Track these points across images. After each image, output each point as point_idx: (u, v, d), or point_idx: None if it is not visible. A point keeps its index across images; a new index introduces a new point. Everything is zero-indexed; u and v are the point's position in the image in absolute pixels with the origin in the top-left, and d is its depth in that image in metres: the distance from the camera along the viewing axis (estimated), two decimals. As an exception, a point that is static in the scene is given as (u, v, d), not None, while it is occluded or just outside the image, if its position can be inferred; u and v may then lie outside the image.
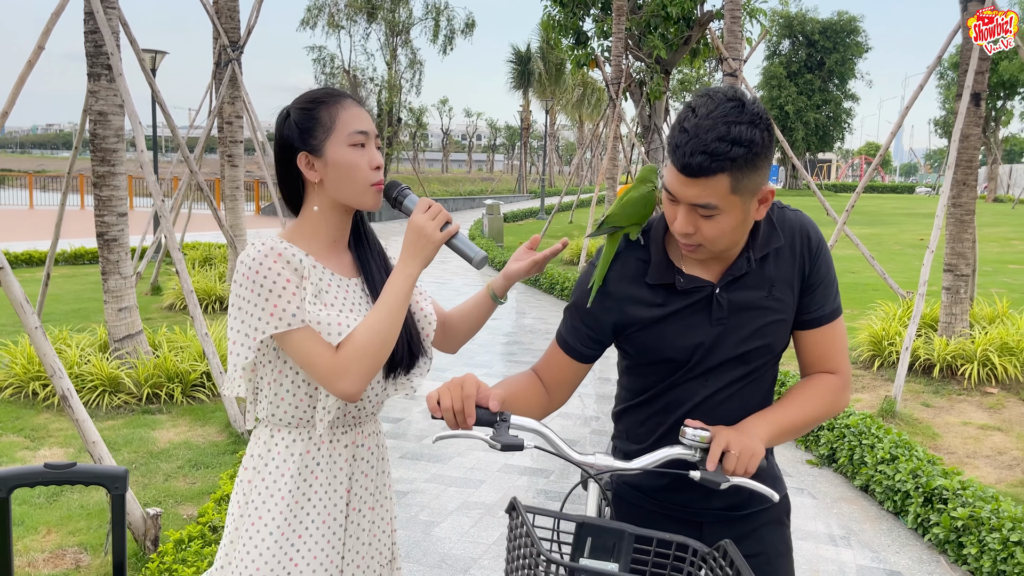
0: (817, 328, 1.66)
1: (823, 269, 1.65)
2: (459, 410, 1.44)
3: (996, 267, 14.67)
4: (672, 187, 1.50)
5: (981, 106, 7.04)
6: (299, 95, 1.74)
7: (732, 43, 11.37)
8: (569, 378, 1.74)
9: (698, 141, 1.42)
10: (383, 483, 1.86)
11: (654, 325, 1.64)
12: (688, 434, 1.50)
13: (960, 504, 3.93)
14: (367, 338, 1.58)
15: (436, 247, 1.63)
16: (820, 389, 1.64)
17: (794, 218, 1.67)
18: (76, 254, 14.83)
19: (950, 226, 7.15)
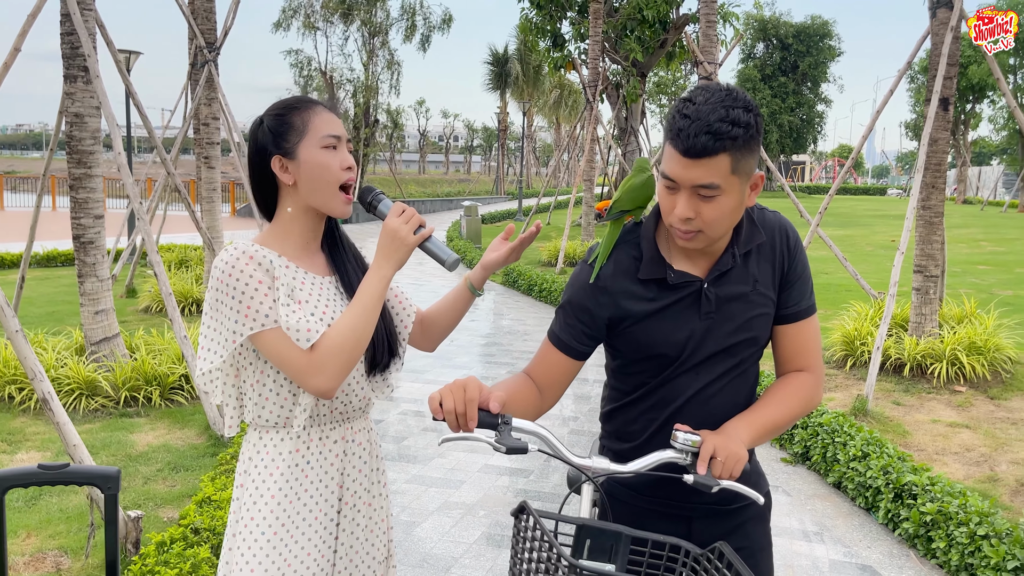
0: (794, 323, 1.74)
1: (800, 266, 1.74)
2: (461, 413, 1.45)
3: (965, 268, 14.95)
4: (674, 172, 1.55)
5: (949, 111, 7.19)
6: (272, 104, 1.81)
7: (707, 47, 11.50)
8: (562, 377, 1.77)
9: (701, 123, 1.50)
10: (376, 480, 1.90)
11: (646, 319, 1.70)
12: (680, 438, 1.54)
13: (929, 499, 4.04)
14: (342, 336, 1.63)
15: (410, 250, 1.69)
16: (795, 388, 1.70)
17: (773, 218, 1.75)
18: (48, 256, 14.66)
19: (920, 228, 7.30)
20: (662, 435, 1.73)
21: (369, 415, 1.91)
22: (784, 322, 1.74)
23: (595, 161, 17.12)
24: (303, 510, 1.73)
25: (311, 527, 1.74)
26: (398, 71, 34.26)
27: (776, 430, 1.64)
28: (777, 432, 1.64)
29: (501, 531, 4.18)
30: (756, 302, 1.70)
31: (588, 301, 1.72)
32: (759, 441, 1.61)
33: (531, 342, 9.14)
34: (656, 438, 1.74)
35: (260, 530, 1.71)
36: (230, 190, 30.06)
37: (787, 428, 1.72)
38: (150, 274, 12.61)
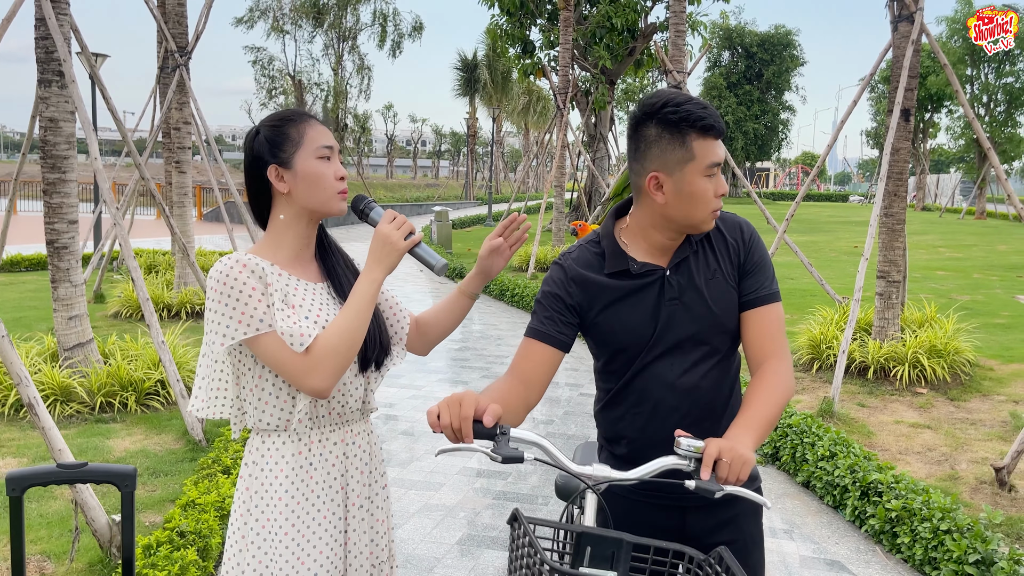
0: (757, 308, 1.84)
1: (756, 256, 1.87)
2: (457, 428, 1.50)
3: (925, 273, 15.35)
4: (718, 155, 1.76)
5: (910, 121, 7.43)
6: (268, 115, 1.90)
7: (676, 56, 11.70)
8: (545, 369, 1.84)
9: (711, 110, 1.74)
10: (376, 481, 1.96)
11: (613, 306, 1.83)
12: (683, 444, 1.56)
13: (894, 497, 4.20)
14: (336, 338, 1.70)
15: (400, 254, 1.77)
16: (774, 379, 1.79)
17: (730, 216, 1.91)
18: (12, 261, 14.42)
19: (882, 235, 7.53)
20: (653, 431, 1.82)
21: (369, 419, 1.97)
22: (746, 308, 1.85)
23: (565, 167, 17.27)
24: (312, 511, 1.79)
25: (321, 526, 1.80)
26: (368, 76, 34.18)
27: (772, 425, 1.73)
28: (772, 427, 1.73)
29: (481, 532, 4.26)
30: (717, 289, 1.84)
31: (560, 291, 1.86)
32: (761, 441, 1.68)
33: (504, 346, 9.23)
34: (648, 434, 1.83)
35: (273, 532, 1.76)
36: (196, 194, 29.75)
37: (778, 420, 1.80)
38: (118, 279, 12.49)
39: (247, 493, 1.82)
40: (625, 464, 1.86)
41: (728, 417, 1.88)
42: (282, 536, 1.77)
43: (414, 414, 6.38)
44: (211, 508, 3.77)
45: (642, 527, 1.83)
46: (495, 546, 4.10)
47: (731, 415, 1.88)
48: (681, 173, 1.73)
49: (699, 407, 1.83)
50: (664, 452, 1.67)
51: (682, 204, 1.76)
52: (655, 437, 1.83)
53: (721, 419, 1.87)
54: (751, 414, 1.70)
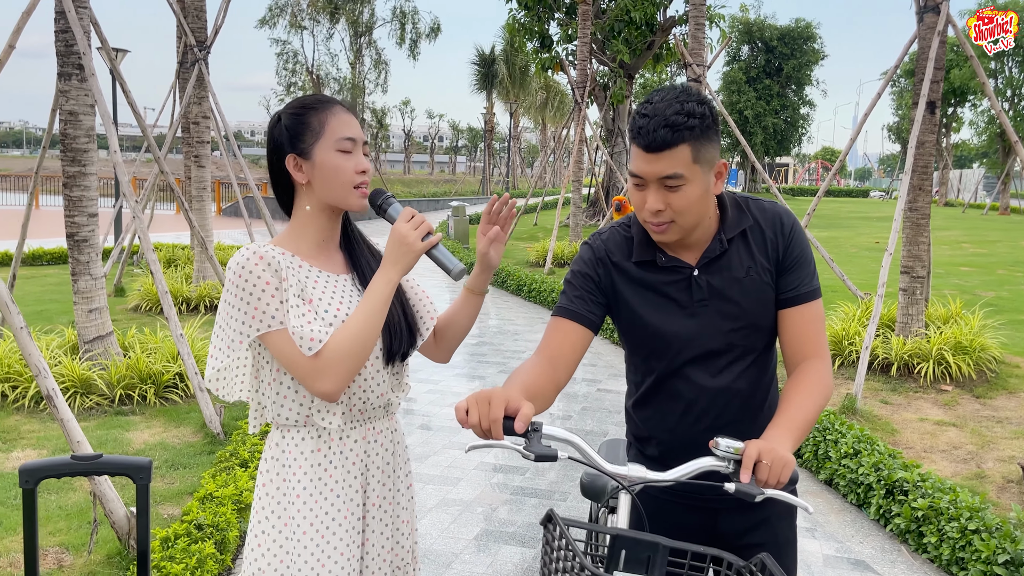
0: (796, 307, 1.76)
1: (797, 251, 1.78)
2: (486, 429, 1.44)
3: (948, 269, 15.14)
4: (640, 169, 1.65)
5: (936, 114, 7.30)
6: (291, 101, 1.83)
7: (696, 49, 11.59)
8: (575, 349, 1.77)
9: (659, 118, 1.61)
10: (400, 480, 1.90)
11: (639, 299, 1.78)
12: (721, 445, 1.49)
13: (920, 496, 4.12)
14: (347, 340, 1.65)
15: (416, 256, 1.70)
16: (813, 379, 1.71)
17: (770, 206, 1.82)
18: (34, 255, 14.55)
19: (906, 230, 7.41)
20: (684, 432, 1.76)
21: (394, 417, 1.91)
22: (786, 306, 1.77)
23: (583, 162, 17.19)
24: (331, 510, 1.75)
25: (340, 526, 1.75)
26: (385, 70, 34.24)
27: (810, 427, 1.65)
28: (810, 428, 1.66)
29: (499, 528, 4.22)
30: (752, 288, 1.75)
31: (589, 270, 1.81)
32: (799, 443, 1.61)
33: (521, 341, 9.19)
34: (678, 436, 1.77)
35: (293, 531, 1.72)
36: (215, 189, 29.93)
37: (816, 421, 1.73)
38: (138, 273, 12.57)
39: (267, 489, 1.78)
40: (655, 465, 1.81)
41: (765, 418, 1.81)
42: (301, 535, 1.72)
43: (431, 408, 6.36)
44: (228, 501, 3.76)
45: (672, 528, 1.78)
46: (513, 542, 4.06)
47: (768, 416, 1.81)
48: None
49: (733, 409, 1.77)
50: (695, 453, 1.61)
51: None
52: (686, 439, 1.77)
53: (757, 420, 1.80)
54: (790, 415, 1.63)
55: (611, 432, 5.91)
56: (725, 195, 1.80)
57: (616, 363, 8.21)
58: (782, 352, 1.82)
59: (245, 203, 18.39)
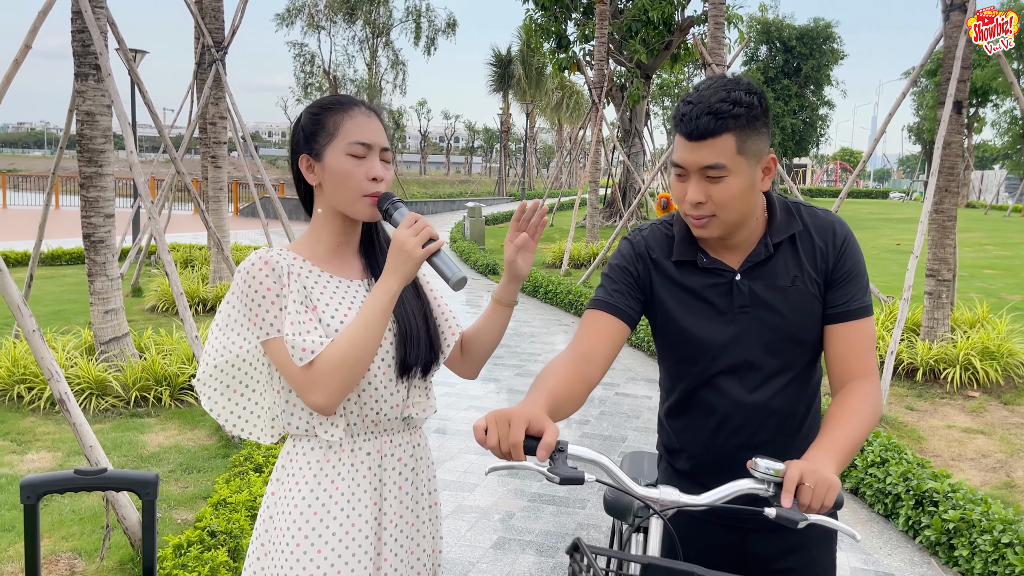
0: (843, 323, 1.66)
1: (849, 264, 1.67)
2: (506, 453, 1.34)
3: (971, 272, 14.91)
4: (681, 158, 1.57)
5: (963, 114, 7.16)
6: (314, 101, 1.78)
7: (715, 48, 11.47)
8: (611, 343, 1.67)
9: (703, 105, 1.53)
10: (422, 497, 1.81)
11: (677, 301, 1.69)
12: (760, 466, 1.40)
13: (951, 507, 4.00)
14: (341, 352, 1.57)
15: (416, 263, 1.60)
16: (859, 400, 1.60)
17: (823, 214, 1.72)
18: (53, 255, 14.62)
19: (932, 232, 7.26)
20: (717, 448, 1.67)
21: (417, 430, 1.82)
22: (832, 322, 1.67)
23: (600, 163, 17.08)
24: (332, 524, 1.67)
25: (341, 542, 1.67)
26: (403, 71, 34.24)
27: (855, 451, 1.55)
28: (855, 453, 1.56)
29: (516, 535, 4.14)
30: (797, 299, 1.65)
31: (629, 265, 1.73)
32: (843, 466, 1.51)
33: (537, 343, 9.10)
34: (711, 451, 1.68)
35: (284, 540, 1.66)
36: (233, 190, 30.04)
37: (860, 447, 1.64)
38: (155, 273, 12.59)
39: (272, 499, 1.73)
40: (685, 479, 1.72)
41: (804, 440, 1.71)
42: (293, 547, 1.65)
43: (447, 412, 6.28)
44: (242, 507, 3.70)
45: (699, 548, 1.68)
46: (530, 550, 3.98)
47: (808, 438, 1.71)
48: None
49: (770, 426, 1.67)
50: (728, 471, 1.52)
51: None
52: (719, 455, 1.68)
53: (794, 441, 1.70)
54: (834, 436, 1.52)
55: (630, 438, 5.82)
56: (775, 197, 1.71)
57: (635, 367, 8.11)
58: (827, 370, 1.71)
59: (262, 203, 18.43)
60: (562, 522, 4.31)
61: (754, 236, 1.67)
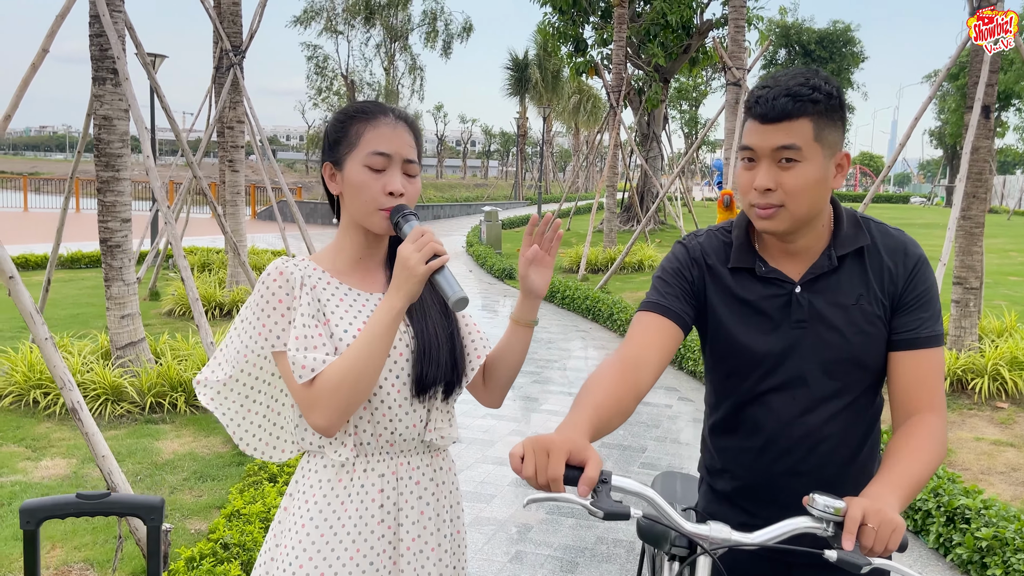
0: (910, 351, 1.55)
1: (920, 288, 1.57)
2: (543, 485, 1.24)
3: (996, 279, 14.65)
4: (752, 141, 1.50)
5: (991, 118, 7.01)
6: (344, 105, 1.73)
7: (736, 52, 11.36)
8: (664, 347, 1.56)
9: (780, 88, 1.47)
10: (445, 524, 1.73)
11: (729, 307, 1.60)
12: (819, 504, 1.29)
13: (983, 524, 3.87)
14: (340, 373, 1.51)
15: (419, 281, 1.51)
16: (925, 435, 1.49)
17: (895, 232, 1.63)
18: (73, 258, 14.70)
19: (959, 239, 7.11)
20: (761, 471, 1.58)
21: (439, 452, 1.74)
22: (898, 348, 1.56)
23: (617, 167, 16.97)
24: (338, 547, 1.60)
25: (345, 567, 1.60)
26: (420, 76, 34.27)
27: (919, 490, 1.44)
28: (919, 491, 1.45)
29: (535, 549, 4.05)
30: (860, 319, 1.55)
31: (683, 268, 1.64)
32: (906, 505, 1.40)
33: (554, 349, 9.01)
34: (755, 474, 1.59)
35: (289, 560, 1.60)
36: (250, 193, 30.18)
37: (925, 485, 1.53)
38: (173, 277, 12.61)
39: (284, 514, 1.68)
40: (725, 503, 1.63)
41: (858, 473, 1.61)
42: (296, 568, 1.59)
43: (463, 420, 6.20)
44: (256, 519, 3.64)
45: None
46: (549, 564, 3.89)
47: (861, 470, 1.61)
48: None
49: (820, 453, 1.56)
50: (773, 497, 1.43)
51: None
52: (764, 479, 1.59)
53: (847, 474, 1.60)
54: (898, 472, 1.41)
55: (649, 448, 5.71)
56: (842, 208, 1.61)
57: (653, 374, 7.99)
58: (890, 401, 1.60)
59: (279, 207, 18.47)
60: (581, 536, 4.22)
61: (818, 245, 1.57)
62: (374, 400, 1.61)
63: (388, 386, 1.62)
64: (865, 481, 1.62)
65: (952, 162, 49.78)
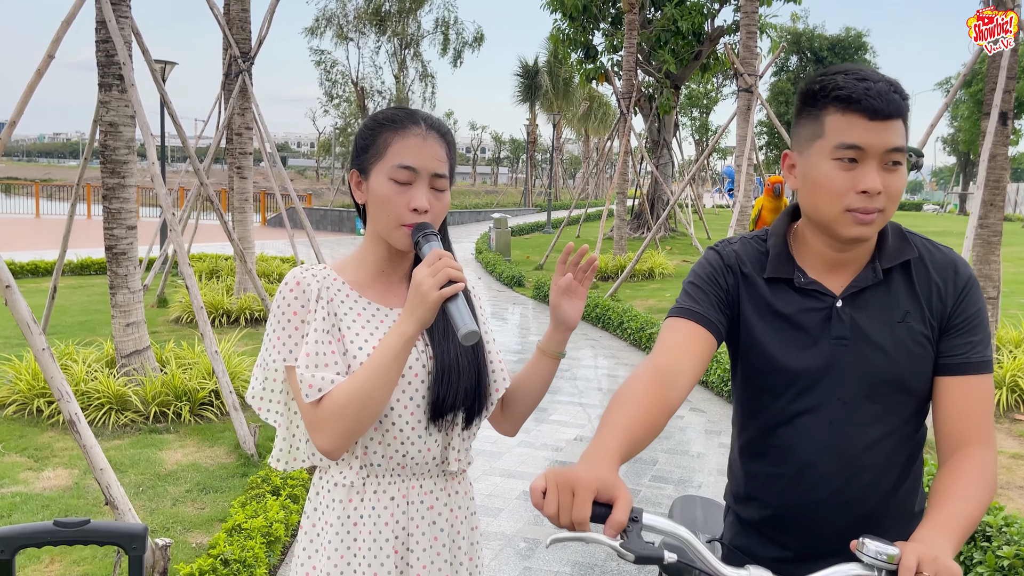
0: (957, 376, 1.44)
1: (972, 310, 1.46)
2: (566, 525, 1.13)
3: (1011, 288, 14.47)
4: (861, 139, 1.36)
5: (1008, 125, 6.89)
6: (377, 111, 1.65)
7: (748, 58, 11.26)
8: (699, 358, 1.45)
9: (884, 83, 1.36)
10: (459, 551, 1.65)
11: (764, 320, 1.49)
12: (870, 550, 1.18)
13: (1005, 542, 3.75)
14: (346, 396, 1.45)
15: (431, 308, 1.42)
16: (976, 471, 1.38)
17: (945, 249, 1.53)
18: (82, 264, 14.71)
19: (977, 247, 6.99)
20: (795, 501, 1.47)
21: (455, 477, 1.66)
22: (945, 373, 1.45)
23: (627, 174, 16.88)
24: (359, 569, 1.55)
25: None
26: (432, 83, 34.27)
27: (971, 531, 1.33)
28: (971, 533, 1.35)
29: (544, 566, 3.96)
30: (906, 338, 1.44)
31: (717, 275, 1.53)
32: (958, 549, 1.29)
33: (565, 359, 8.91)
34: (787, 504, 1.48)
35: None
36: (260, 200, 30.22)
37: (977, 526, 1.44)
38: (181, 283, 12.58)
39: (311, 532, 1.63)
40: (753, 534, 1.52)
41: (898, 507, 1.50)
42: None
43: (472, 430, 6.12)
44: (258, 534, 3.56)
45: None
46: (558, 582, 3.79)
47: (902, 506, 1.51)
48: (808, 152, 1.42)
49: (860, 484, 1.45)
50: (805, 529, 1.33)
51: (807, 191, 1.43)
52: (797, 509, 1.48)
53: (887, 506, 1.49)
54: (950, 512, 1.30)
55: (660, 460, 5.61)
56: None
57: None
58: (935, 430, 1.49)
59: (288, 214, 18.46)
60: (591, 551, 4.12)
61: (862, 257, 1.47)
62: (384, 422, 1.55)
63: (400, 408, 1.55)
64: (905, 516, 1.52)
65: (966, 169, 49.47)
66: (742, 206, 10.65)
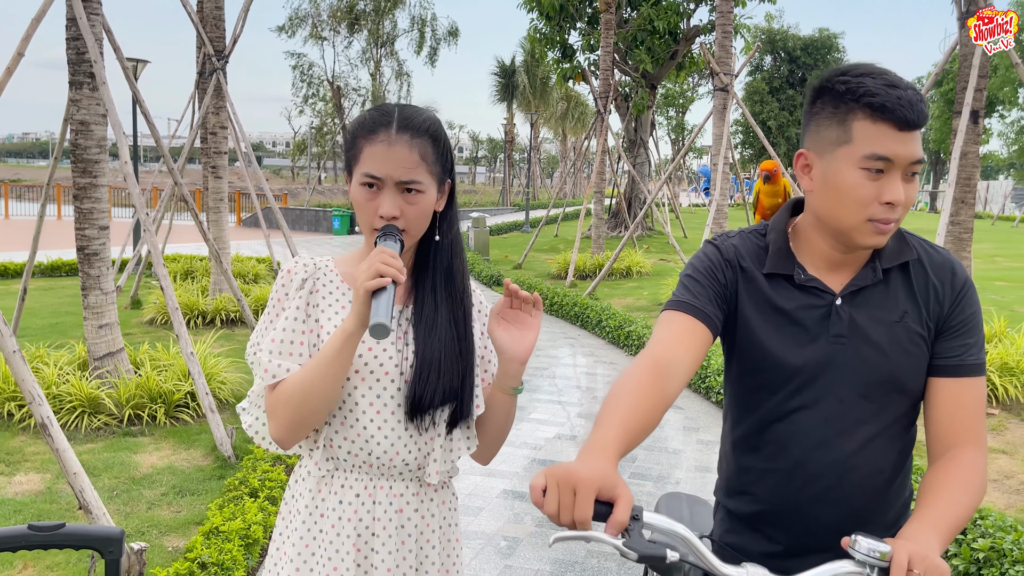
0: (951, 378, 1.45)
1: (968, 312, 1.47)
2: (568, 523, 1.11)
3: (983, 284, 14.69)
4: (891, 151, 1.35)
5: (979, 123, 6.99)
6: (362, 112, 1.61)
7: (723, 58, 11.33)
8: (694, 351, 1.43)
9: (912, 91, 1.34)
10: (435, 563, 1.61)
11: (762, 315, 1.49)
12: (862, 547, 1.18)
13: (980, 535, 3.80)
14: (292, 387, 1.47)
15: (361, 301, 1.39)
16: (967, 472, 1.39)
17: (943, 251, 1.54)
18: (53, 266, 14.49)
19: (948, 244, 7.09)
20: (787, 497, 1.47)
21: (433, 483, 1.59)
22: (939, 374, 1.46)
23: (605, 173, 16.93)
24: (316, 566, 1.55)
25: None
26: (407, 82, 34.15)
27: (959, 531, 1.35)
28: (958, 532, 1.36)
29: (524, 564, 3.95)
30: (903, 337, 1.45)
31: (715, 269, 1.52)
32: (945, 548, 1.31)
33: (542, 357, 8.92)
34: (779, 498, 1.48)
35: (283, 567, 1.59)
36: (236, 200, 29.94)
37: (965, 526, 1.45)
38: (155, 284, 12.43)
39: (282, 521, 1.65)
40: (745, 529, 1.52)
41: (888, 505, 1.51)
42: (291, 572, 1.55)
43: (451, 430, 6.10)
44: (235, 536, 3.52)
45: None
46: (539, 581, 3.79)
47: (891, 503, 1.52)
48: (832, 156, 1.40)
49: (851, 482, 1.46)
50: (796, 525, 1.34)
51: (827, 197, 1.41)
52: (789, 504, 1.48)
53: (878, 504, 1.50)
54: (940, 512, 1.31)
55: (639, 457, 5.62)
56: None
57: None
58: (927, 430, 1.50)
59: (264, 214, 18.30)
60: (572, 548, 4.12)
61: (862, 256, 1.48)
62: (349, 417, 1.53)
63: (366, 404, 1.53)
64: (894, 512, 1.53)
65: (936, 167, 50.16)
66: (718, 204, 10.71)
